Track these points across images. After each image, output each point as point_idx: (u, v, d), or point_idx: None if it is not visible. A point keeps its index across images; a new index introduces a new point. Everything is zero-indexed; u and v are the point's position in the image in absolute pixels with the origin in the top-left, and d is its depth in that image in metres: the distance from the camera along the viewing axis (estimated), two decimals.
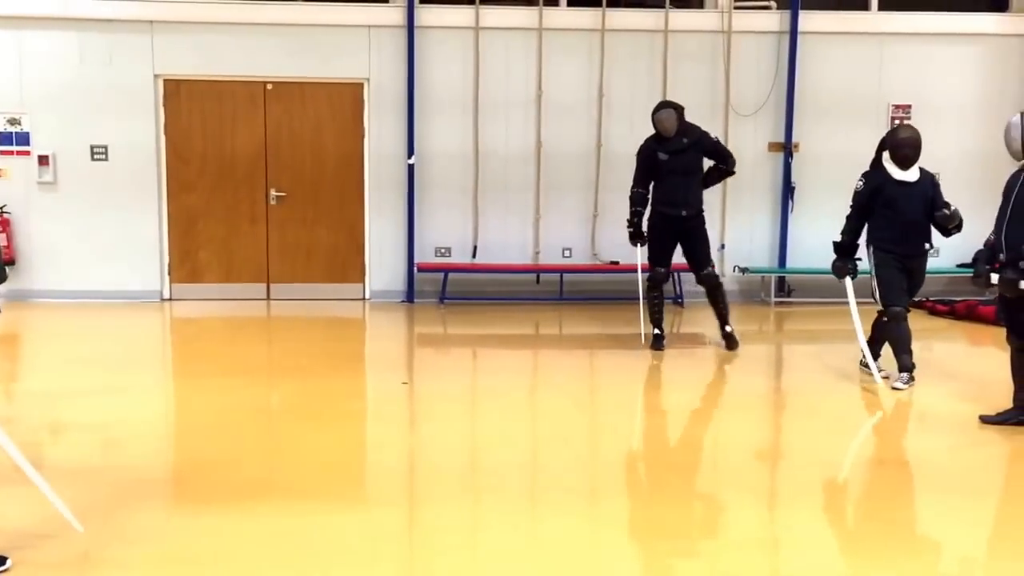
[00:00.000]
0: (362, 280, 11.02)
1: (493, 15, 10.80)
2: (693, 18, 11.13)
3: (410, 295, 10.90)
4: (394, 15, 10.66)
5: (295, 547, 4.27)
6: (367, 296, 11.00)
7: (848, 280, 7.46)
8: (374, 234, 10.94)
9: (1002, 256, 5.89)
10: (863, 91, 11.19)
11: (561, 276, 10.91)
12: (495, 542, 4.44)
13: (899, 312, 7.13)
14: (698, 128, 8.40)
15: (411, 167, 10.72)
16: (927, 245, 7.18)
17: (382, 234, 10.93)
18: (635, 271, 8.94)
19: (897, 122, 11.35)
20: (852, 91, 11.17)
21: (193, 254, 10.81)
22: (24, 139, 10.46)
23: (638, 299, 8.87)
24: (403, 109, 10.69)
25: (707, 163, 8.57)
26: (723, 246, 11.28)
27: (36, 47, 10.36)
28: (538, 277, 10.99)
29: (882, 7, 11.30)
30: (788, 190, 11.19)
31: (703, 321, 10.41)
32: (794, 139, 11.17)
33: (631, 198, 8.54)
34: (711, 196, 10.78)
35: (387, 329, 9.91)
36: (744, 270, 11.26)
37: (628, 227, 8.59)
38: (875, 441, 6.40)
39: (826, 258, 7.68)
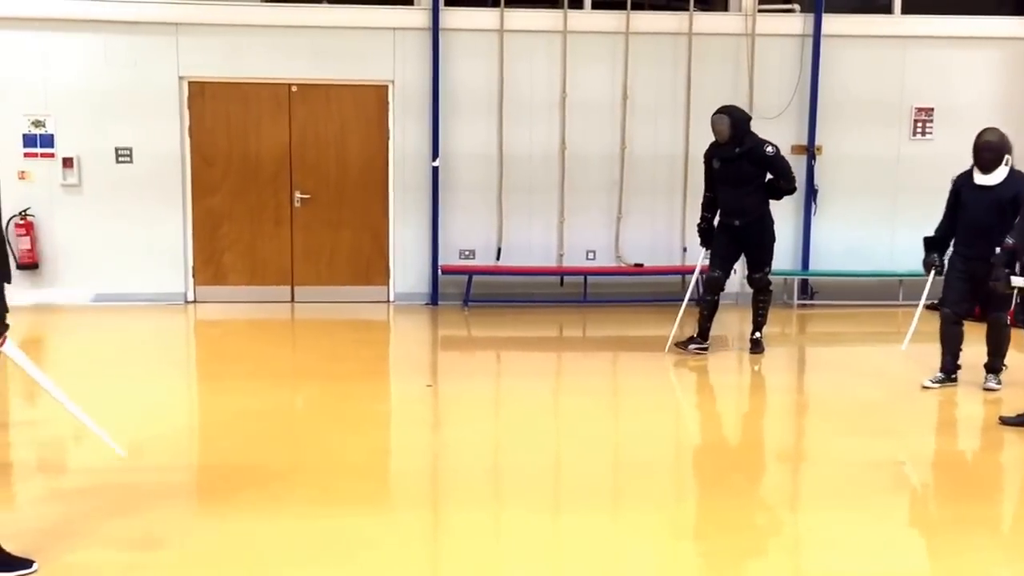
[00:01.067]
0: (386, 282, 11.02)
1: (518, 18, 10.80)
2: (717, 21, 11.13)
3: (434, 297, 10.91)
4: (419, 17, 10.67)
5: (320, 550, 4.27)
6: (391, 299, 11.00)
7: (930, 276, 7.42)
8: (398, 236, 10.95)
9: None
10: (886, 94, 11.17)
11: (585, 278, 10.91)
12: (519, 546, 4.43)
13: (946, 314, 7.20)
14: (756, 138, 8.31)
15: (435, 169, 10.72)
16: (997, 251, 6.84)
17: (406, 236, 10.93)
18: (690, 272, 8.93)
19: (919, 125, 11.38)
20: (875, 94, 11.15)
21: (217, 256, 10.82)
22: (48, 141, 10.48)
23: (665, 301, 8.88)
24: (428, 111, 10.69)
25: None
26: None
27: (61, 49, 10.38)
28: (562, 279, 10.99)
29: (905, 10, 11.27)
30: (811, 192, 11.16)
31: (729, 324, 10.41)
32: (817, 142, 11.14)
33: (701, 203, 8.59)
34: None
35: (411, 331, 9.91)
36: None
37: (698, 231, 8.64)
38: (919, 442, 6.38)
39: (848, 260, 7.66)
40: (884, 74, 11.16)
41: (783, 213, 11.22)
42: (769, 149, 8.26)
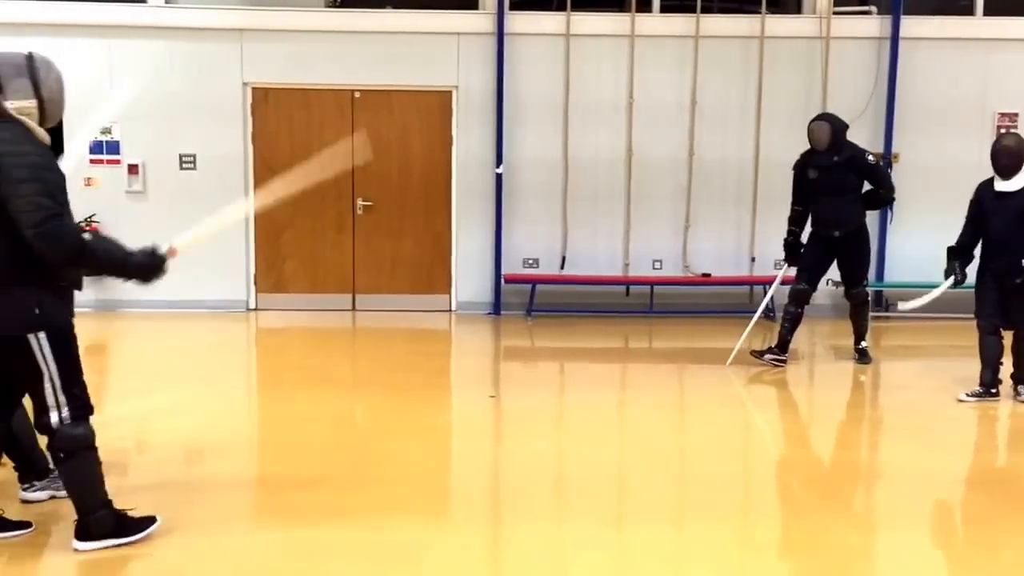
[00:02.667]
0: (448, 291, 10.88)
1: (584, 22, 10.60)
2: (790, 24, 10.82)
3: (497, 307, 10.73)
4: (484, 22, 10.53)
5: (383, 562, 4.18)
6: (453, 308, 10.86)
7: (947, 282, 7.16)
8: (461, 244, 10.80)
9: None
10: (967, 99, 10.75)
11: (651, 288, 10.65)
12: (583, 560, 4.29)
13: (982, 325, 6.97)
14: (856, 146, 8.06)
15: (499, 176, 10.56)
16: None
17: (469, 244, 10.78)
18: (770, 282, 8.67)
19: (1003, 131, 10.92)
20: (956, 99, 10.74)
21: (279, 264, 10.77)
22: (114, 148, 10.53)
23: (734, 313, 8.61)
24: (491, 117, 10.54)
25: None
26: None
27: (127, 56, 10.43)
28: (628, 289, 10.75)
29: (988, 12, 10.86)
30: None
31: (797, 336, 10.10)
32: (894, 149, 10.76)
33: (789, 217, 8.31)
34: None
35: (473, 341, 9.75)
36: (839, 284, 10.84)
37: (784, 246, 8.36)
38: (983, 459, 6.04)
39: (927, 271, 7.35)
40: (965, 78, 10.75)
41: None
42: (871, 158, 8.05)
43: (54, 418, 3.96)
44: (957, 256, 7.17)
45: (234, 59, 10.51)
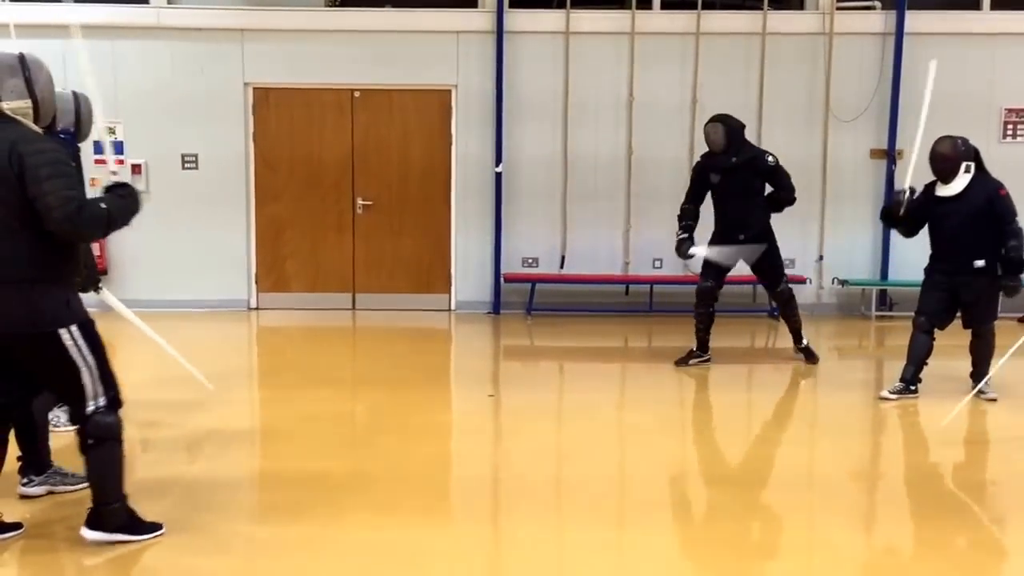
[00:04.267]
0: (448, 290, 10.87)
1: (584, 19, 10.55)
2: (792, 20, 10.73)
3: (496, 306, 10.70)
4: (483, 20, 10.50)
5: (382, 561, 4.17)
6: (453, 307, 10.84)
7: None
8: (460, 244, 10.78)
9: None
10: (974, 95, 10.61)
11: (651, 288, 10.60)
12: (580, 560, 4.26)
13: (920, 322, 6.92)
14: (755, 147, 7.96)
15: (499, 175, 10.53)
16: (979, 263, 6.65)
17: (468, 244, 10.75)
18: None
19: (1010, 127, 10.80)
20: (962, 95, 10.57)
21: (280, 263, 10.79)
22: (118, 148, 10.54)
23: (734, 312, 8.54)
24: (491, 116, 10.51)
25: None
26: (821, 257, 10.86)
27: (129, 57, 10.46)
28: (627, 288, 10.70)
29: (994, 6, 10.73)
30: (891, 199, 10.67)
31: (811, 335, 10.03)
32: (898, 146, 10.66)
33: (679, 215, 8.16)
34: (809, 206, 10.49)
35: (473, 340, 9.72)
36: (844, 282, 10.79)
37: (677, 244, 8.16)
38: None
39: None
40: (971, 73, 10.62)
41: (862, 221, 10.84)
42: (770, 159, 7.86)
43: (90, 407, 4.05)
44: (889, 219, 7.17)
45: (235, 59, 10.52)
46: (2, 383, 4.16)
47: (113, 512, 4.17)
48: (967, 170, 6.71)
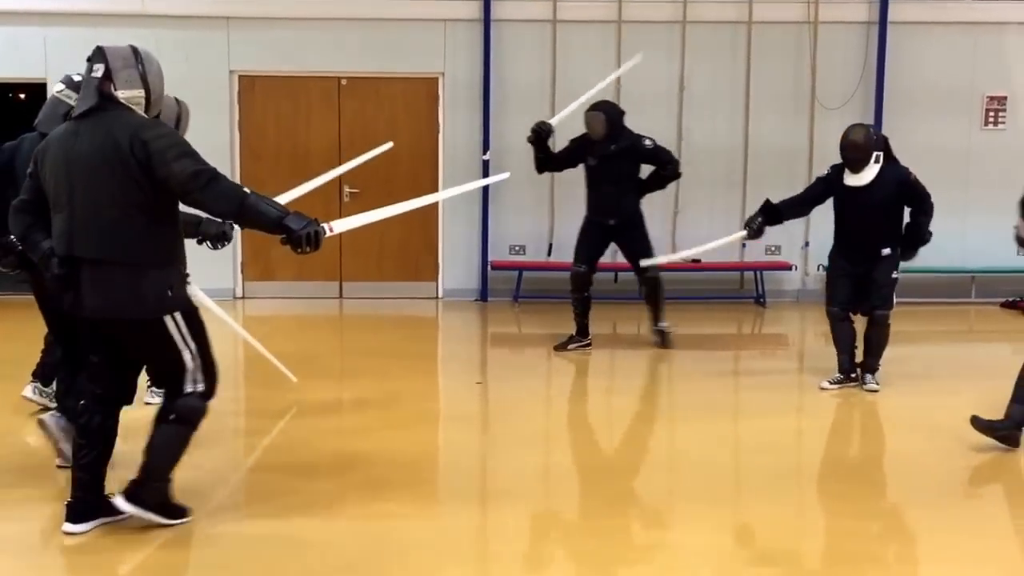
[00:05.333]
0: (435, 278, 10.86)
1: (571, 8, 10.55)
2: (777, 9, 10.74)
3: (484, 294, 10.71)
4: (470, 9, 10.49)
5: (366, 549, 4.16)
6: (440, 295, 10.84)
7: (739, 233, 7.26)
8: (448, 232, 10.77)
9: None
10: (956, 83, 10.72)
11: None
12: (569, 548, 4.29)
13: (834, 312, 6.88)
14: (633, 134, 7.98)
15: (486, 163, 10.51)
16: (886, 251, 6.69)
17: (456, 231, 10.75)
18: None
19: (991, 115, 10.90)
20: (944, 83, 10.71)
21: (265, 251, 10.72)
22: None
23: (724, 299, 8.57)
24: (479, 104, 10.51)
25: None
26: (807, 244, 10.90)
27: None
28: (616, 276, 10.71)
29: None
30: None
31: (786, 321, 10.14)
32: (883, 133, 10.69)
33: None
34: (794, 190, 10.49)
35: (460, 328, 9.74)
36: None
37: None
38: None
39: (917, 256, 7.20)
40: (954, 62, 10.72)
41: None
42: (648, 143, 7.93)
43: (188, 388, 4.13)
44: (767, 214, 7.04)
45: (220, 47, 10.47)
46: (115, 377, 4.21)
47: (154, 490, 4.20)
48: (877, 160, 6.66)
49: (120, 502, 4.15)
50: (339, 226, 4.36)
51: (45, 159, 4.05)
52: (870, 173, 6.64)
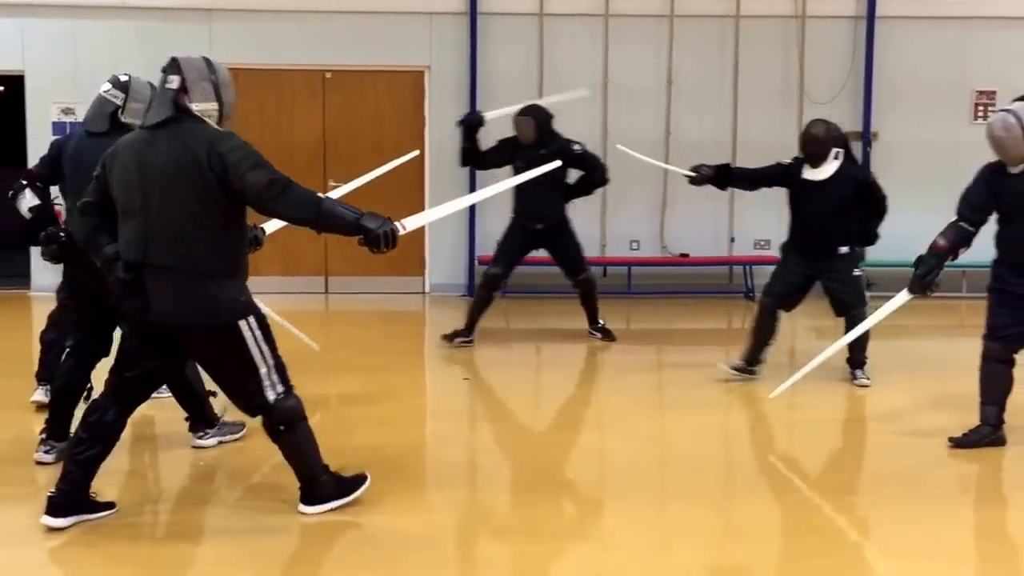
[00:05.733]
0: (422, 273, 10.77)
1: (558, 1, 10.50)
2: (765, 3, 10.70)
3: (471, 288, 10.58)
4: (456, 2, 10.42)
5: (353, 547, 4.15)
6: (427, 290, 10.75)
7: (686, 171, 7.22)
8: (434, 226, 10.58)
9: None
10: (945, 77, 10.71)
11: (629, 269, 10.56)
12: (559, 544, 4.24)
13: (766, 304, 6.84)
14: (561, 139, 7.91)
15: None
16: (843, 250, 6.66)
17: (443, 226, 10.57)
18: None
19: (981, 109, 10.87)
20: (934, 77, 10.69)
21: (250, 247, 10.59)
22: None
23: (712, 293, 8.51)
24: (465, 98, 10.41)
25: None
26: None
27: (92, 36, 10.24)
28: (605, 270, 10.64)
29: None
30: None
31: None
32: (872, 128, 10.71)
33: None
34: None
35: (447, 323, 9.55)
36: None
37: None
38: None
39: (906, 250, 7.15)
40: (943, 56, 10.71)
41: None
42: (577, 148, 7.89)
43: (271, 396, 4.18)
44: (720, 172, 7.07)
45: (203, 39, 10.30)
46: (148, 384, 4.29)
47: (323, 485, 4.32)
48: (836, 156, 6.63)
49: (305, 509, 4.30)
50: (411, 223, 4.35)
51: (114, 165, 4.10)
52: (829, 168, 6.61)
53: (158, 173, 3.99)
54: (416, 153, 6.89)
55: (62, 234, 4.88)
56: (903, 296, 5.59)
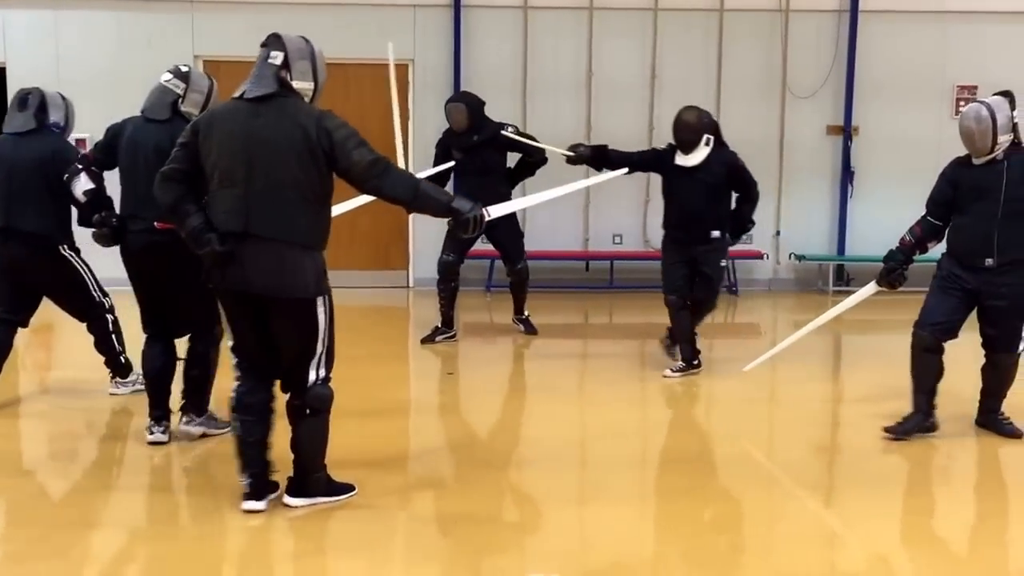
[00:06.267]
0: (406, 267, 10.76)
1: None
2: None
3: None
4: None
5: (333, 541, 4.18)
6: (411, 283, 10.74)
7: (564, 150, 7.26)
8: (419, 220, 10.64)
9: (990, 262, 5.33)
10: (927, 72, 10.75)
11: (611, 263, 10.59)
12: (542, 537, 4.26)
13: (672, 301, 6.93)
14: (493, 123, 7.92)
15: None
16: (715, 234, 6.78)
17: (427, 220, 10.37)
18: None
19: (962, 104, 10.92)
20: (915, 72, 10.74)
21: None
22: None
23: None
24: (449, 91, 10.31)
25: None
26: (778, 233, 10.92)
27: (73, 27, 10.17)
28: (587, 264, 10.69)
29: None
30: (847, 175, 10.78)
31: (758, 310, 10.14)
32: (854, 122, 10.75)
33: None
34: (766, 181, 10.51)
35: (431, 317, 9.55)
36: (800, 258, 10.88)
37: None
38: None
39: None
40: (925, 51, 10.75)
41: (818, 196, 10.91)
42: (510, 129, 7.91)
43: (312, 376, 4.23)
44: (597, 151, 7.15)
45: (185, 31, 10.28)
46: (263, 352, 4.28)
47: (316, 480, 4.38)
48: (707, 143, 6.75)
49: (290, 500, 4.34)
50: (495, 211, 4.49)
51: (212, 133, 4.12)
52: (700, 154, 6.73)
53: (265, 144, 4.05)
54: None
55: (114, 220, 5.10)
56: (870, 288, 5.80)
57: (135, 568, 4.03)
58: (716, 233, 6.80)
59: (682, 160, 6.78)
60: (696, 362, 6.99)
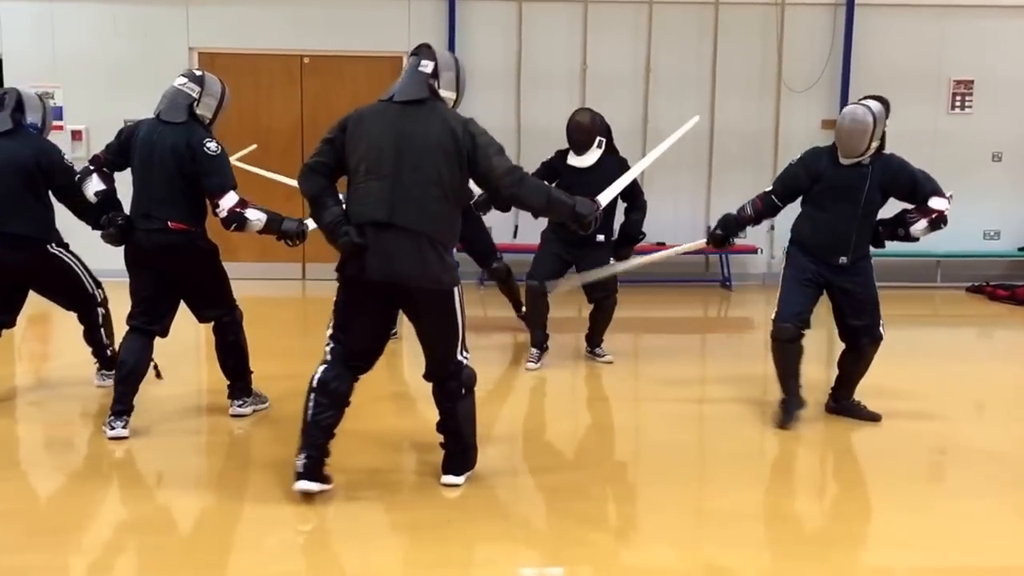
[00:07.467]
0: None
1: None
2: None
3: None
4: None
5: (326, 536, 4.20)
6: None
7: None
8: None
9: (844, 260, 5.57)
10: (923, 66, 10.76)
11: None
12: (531, 532, 4.31)
13: (534, 287, 7.05)
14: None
15: None
16: (600, 237, 6.84)
17: None
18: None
19: (958, 98, 10.92)
20: (911, 66, 10.74)
21: (226, 233, 10.49)
22: (57, 113, 10.27)
23: (689, 281, 8.53)
24: None
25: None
26: (772, 227, 10.87)
27: (70, 20, 10.17)
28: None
29: None
30: None
31: (752, 304, 10.14)
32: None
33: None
34: (761, 175, 10.54)
35: None
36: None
37: None
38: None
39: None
40: (921, 45, 10.77)
41: None
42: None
43: (459, 357, 4.53)
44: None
45: (179, 23, 10.29)
46: (371, 346, 4.58)
47: (473, 454, 4.71)
48: (599, 145, 6.87)
49: (453, 479, 4.62)
50: (602, 200, 4.74)
51: (360, 129, 4.34)
52: (592, 156, 6.87)
53: (414, 140, 4.28)
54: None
55: (120, 219, 5.22)
56: (700, 243, 6.32)
57: (131, 559, 4.05)
58: (601, 237, 6.85)
59: (575, 161, 6.90)
60: (546, 346, 7.11)
